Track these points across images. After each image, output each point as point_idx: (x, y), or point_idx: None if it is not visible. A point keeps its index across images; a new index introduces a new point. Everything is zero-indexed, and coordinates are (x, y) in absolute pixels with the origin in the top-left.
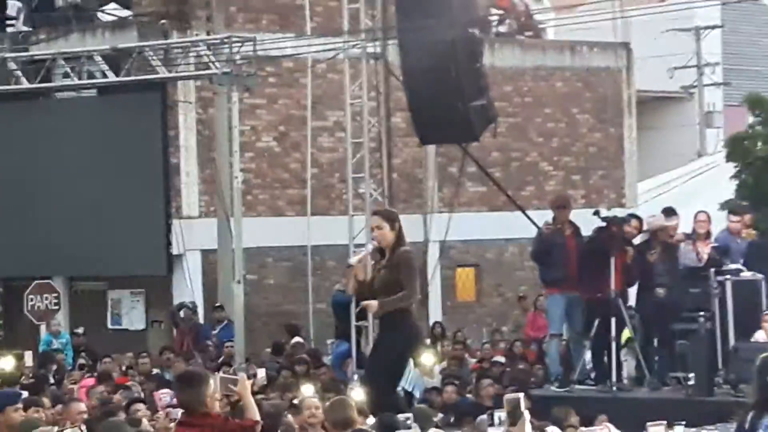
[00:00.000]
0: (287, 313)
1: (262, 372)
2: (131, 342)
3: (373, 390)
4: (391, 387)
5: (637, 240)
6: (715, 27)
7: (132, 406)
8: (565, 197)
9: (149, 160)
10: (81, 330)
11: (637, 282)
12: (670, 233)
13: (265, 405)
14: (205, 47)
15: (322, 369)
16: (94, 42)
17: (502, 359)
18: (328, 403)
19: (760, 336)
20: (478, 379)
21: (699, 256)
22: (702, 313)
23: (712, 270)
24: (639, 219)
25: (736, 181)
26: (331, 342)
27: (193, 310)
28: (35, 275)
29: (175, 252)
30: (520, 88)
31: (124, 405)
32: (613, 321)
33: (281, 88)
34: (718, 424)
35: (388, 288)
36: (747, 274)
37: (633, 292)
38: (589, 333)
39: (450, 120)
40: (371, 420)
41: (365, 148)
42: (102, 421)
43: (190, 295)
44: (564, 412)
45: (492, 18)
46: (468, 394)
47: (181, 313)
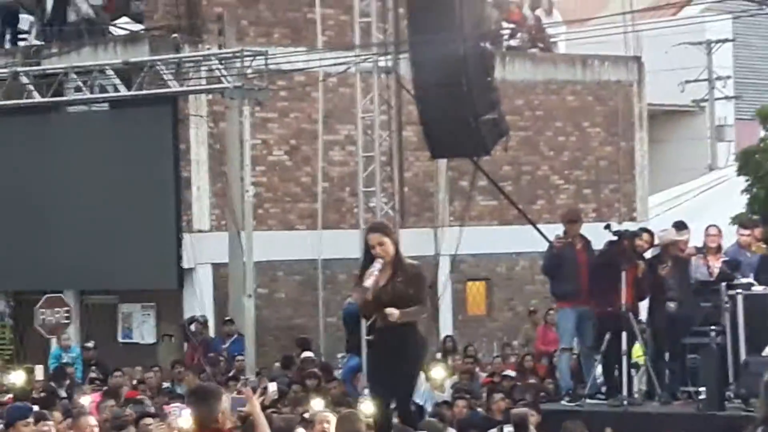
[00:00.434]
0: (298, 327)
1: (274, 386)
2: (142, 356)
3: (389, 404)
4: (408, 400)
5: (648, 254)
6: (727, 41)
7: (142, 421)
8: (576, 211)
9: (160, 173)
10: (91, 344)
11: (648, 296)
12: (681, 247)
13: (276, 419)
14: (216, 61)
15: (333, 383)
16: (106, 56)
17: (513, 373)
18: (339, 417)
19: None
20: (489, 394)
21: (710, 270)
22: (713, 327)
23: (724, 284)
24: (650, 233)
25: (748, 195)
26: (341, 356)
27: (203, 323)
28: (46, 289)
29: (186, 266)
30: (531, 101)
31: (133, 419)
32: (624, 335)
33: (293, 101)
34: None
35: (400, 301)
36: (758, 289)
37: (644, 306)
38: (600, 347)
39: (461, 134)
40: None
41: (376, 162)
42: None
43: (200, 308)
44: (575, 426)
45: (503, 32)
46: (479, 408)
47: (191, 327)
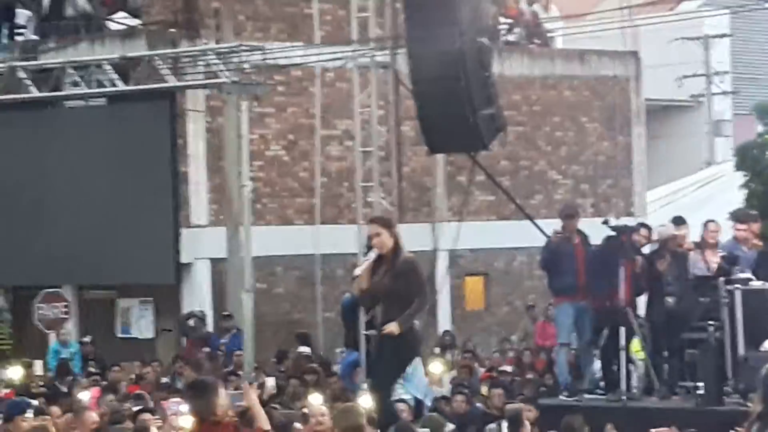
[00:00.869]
0: (296, 322)
1: (272, 381)
2: (140, 350)
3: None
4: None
5: (647, 249)
6: (724, 36)
7: (139, 416)
8: (573, 206)
9: (158, 168)
10: (89, 339)
11: (647, 291)
12: (680, 242)
13: (276, 415)
14: (214, 56)
15: (333, 378)
16: (104, 51)
17: (511, 368)
18: (338, 410)
19: None
20: (489, 389)
21: (708, 265)
22: (711, 322)
23: (722, 279)
24: (648, 228)
25: (746, 190)
26: (340, 351)
27: (202, 318)
28: (44, 284)
29: (184, 261)
30: (528, 96)
31: (131, 414)
32: (622, 330)
33: (290, 96)
34: None
35: (395, 297)
36: (757, 284)
37: (642, 301)
38: (598, 342)
39: (459, 129)
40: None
41: (374, 157)
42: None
43: (199, 303)
44: (574, 421)
45: (501, 27)
46: (478, 404)
47: (190, 322)
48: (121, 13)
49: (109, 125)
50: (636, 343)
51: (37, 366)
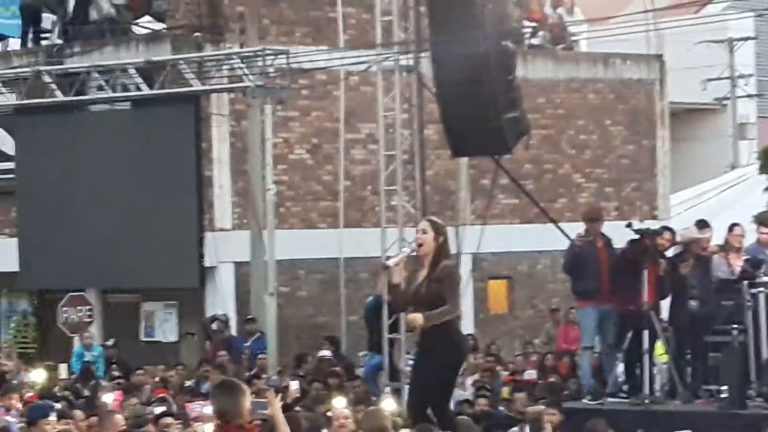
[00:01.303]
0: (320, 326)
1: (296, 384)
2: (164, 354)
3: (426, 407)
4: (446, 403)
5: (670, 252)
6: (749, 38)
7: (161, 420)
8: (597, 209)
9: (182, 172)
10: (111, 342)
11: (670, 294)
12: (703, 245)
13: (300, 418)
14: (238, 60)
15: (356, 381)
16: (129, 55)
17: (534, 372)
18: (364, 413)
19: None
20: (511, 392)
21: (732, 269)
22: (735, 325)
23: (746, 282)
24: (672, 231)
25: None
26: (363, 354)
27: (225, 322)
28: (69, 287)
29: (207, 264)
30: (552, 100)
31: (153, 417)
32: (645, 333)
33: (314, 100)
34: None
35: (432, 301)
36: None
37: (666, 304)
38: (622, 345)
39: (483, 132)
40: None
41: (398, 161)
42: None
43: (222, 307)
44: (597, 424)
45: (525, 30)
46: (500, 407)
47: (213, 326)
48: (146, 18)
49: (134, 129)
50: (659, 347)
51: (62, 369)
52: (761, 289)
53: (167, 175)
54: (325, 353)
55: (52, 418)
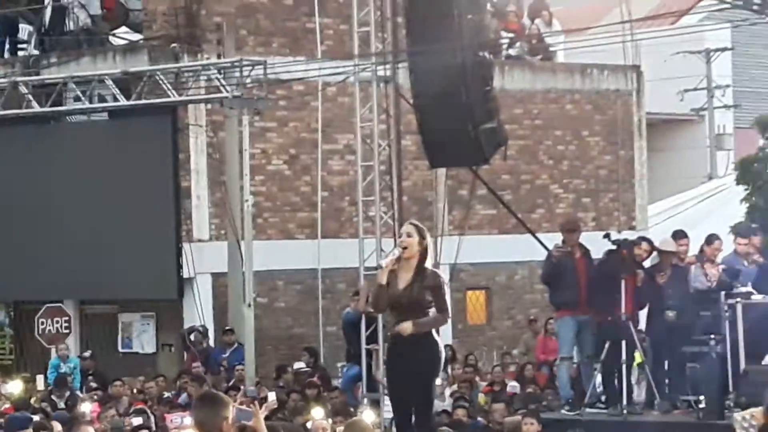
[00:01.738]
0: (298, 336)
1: (273, 395)
2: (142, 365)
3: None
4: (427, 411)
5: (648, 263)
6: (726, 49)
7: None
8: (575, 220)
9: (160, 183)
10: (88, 353)
11: (648, 305)
12: (681, 256)
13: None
14: (215, 71)
15: (334, 392)
16: (105, 66)
17: (513, 382)
18: (346, 424)
19: None
20: (490, 403)
21: (709, 279)
22: (712, 336)
23: (723, 293)
24: (649, 242)
25: (747, 204)
26: (341, 365)
27: (203, 333)
28: (46, 299)
29: (185, 275)
30: (530, 110)
31: (130, 430)
32: (623, 344)
33: (291, 111)
34: None
35: (415, 307)
36: (757, 297)
37: (643, 315)
38: (600, 356)
39: (460, 143)
40: None
41: (375, 171)
42: None
43: (200, 318)
44: None
45: (502, 41)
46: (479, 418)
47: (191, 337)
48: (123, 28)
49: (111, 140)
50: (637, 357)
51: (39, 381)
52: (738, 299)
53: (145, 186)
54: (300, 365)
55: (29, 430)
